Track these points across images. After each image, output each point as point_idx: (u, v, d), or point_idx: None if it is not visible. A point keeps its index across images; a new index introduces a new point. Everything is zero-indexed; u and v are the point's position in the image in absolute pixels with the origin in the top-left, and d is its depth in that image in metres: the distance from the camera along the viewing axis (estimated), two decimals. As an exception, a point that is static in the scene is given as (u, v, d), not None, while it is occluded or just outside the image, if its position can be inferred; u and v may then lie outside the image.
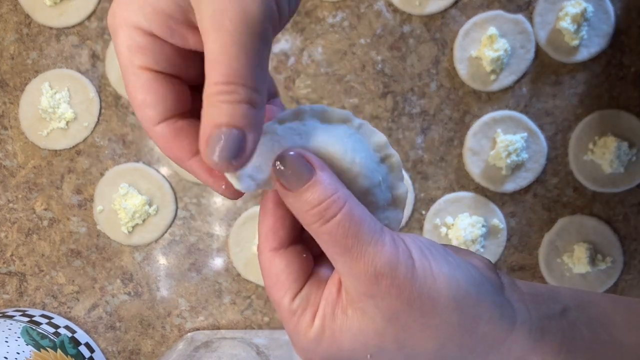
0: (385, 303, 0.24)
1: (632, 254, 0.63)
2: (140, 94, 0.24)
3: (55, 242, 0.65)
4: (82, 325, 0.65)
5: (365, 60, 0.63)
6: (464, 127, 0.63)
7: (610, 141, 0.60)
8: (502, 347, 0.25)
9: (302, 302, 0.25)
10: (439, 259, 0.25)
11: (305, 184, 0.24)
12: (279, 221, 0.26)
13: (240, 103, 0.23)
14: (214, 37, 0.22)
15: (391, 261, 0.24)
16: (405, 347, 0.25)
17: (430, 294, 0.24)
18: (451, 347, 0.25)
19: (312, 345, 0.26)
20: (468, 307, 0.25)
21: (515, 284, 0.28)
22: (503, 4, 0.62)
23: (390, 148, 0.28)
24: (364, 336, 0.25)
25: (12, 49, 0.65)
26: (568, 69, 0.62)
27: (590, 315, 0.28)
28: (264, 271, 0.27)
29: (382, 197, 0.27)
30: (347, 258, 0.24)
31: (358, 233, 0.24)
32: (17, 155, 0.65)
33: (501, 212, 0.63)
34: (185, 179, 0.64)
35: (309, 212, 0.24)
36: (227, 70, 0.22)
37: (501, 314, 0.25)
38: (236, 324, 0.64)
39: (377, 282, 0.24)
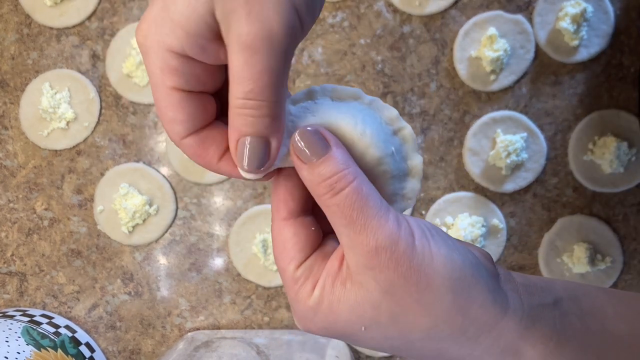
0: (383, 276, 0.25)
1: (631, 254, 0.63)
2: (170, 112, 0.25)
3: (55, 242, 0.65)
4: (83, 325, 0.65)
5: (365, 61, 0.63)
6: (463, 127, 0.63)
7: (610, 141, 0.61)
8: (493, 331, 0.26)
9: (305, 271, 0.27)
10: (439, 241, 0.26)
11: (320, 158, 0.25)
12: (289, 193, 0.28)
13: (264, 117, 0.25)
14: (238, 55, 0.24)
15: (392, 236, 0.25)
16: (399, 322, 0.26)
17: (427, 271, 0.25)
18: (443, 327, 0.26)
19: (310, 314, 0.27)
20: (462, 289, 0.25)
21: (510, 274, 0.29)
22: (503, 4, 0.62)
23: (403, 121, 0.29)
24: (360, 308, 0.26)
25: (12, 49, 0.65)
26: (568, 69, 0.62)
27: (582, 306, 0.28)
28: (274, 239, 0.28)
29: (396, 167, 0.28)
30: (351, 230, 0.25)
31: (363, 207, 0.25)
32: (17, 155, 0.65)
33: (501, 212, 0.63)
34: (186, 179, 0.64)
35: (321, 184, 0.25)
36: (251, 87, 0.24)
37: (494, 299, 0.26)
38: (236, 324, 0.65)
39: (377, 255, 0.25)
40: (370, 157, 0.27)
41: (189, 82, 0.25)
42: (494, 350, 0.26)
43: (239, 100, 0.25)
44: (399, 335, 0.26)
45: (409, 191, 0.29)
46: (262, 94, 0.24)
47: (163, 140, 0.64)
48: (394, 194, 0.29)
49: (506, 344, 0.26)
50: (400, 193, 0.29)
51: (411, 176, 0.29)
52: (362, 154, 0.27)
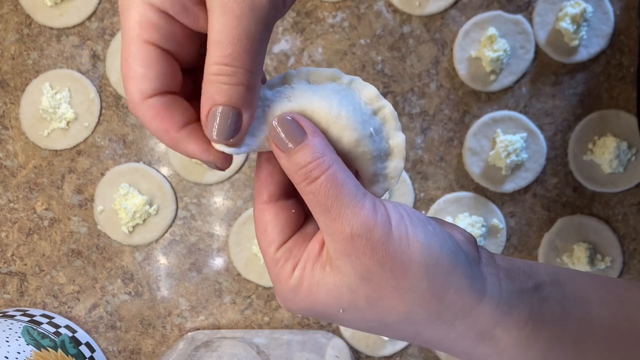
0: (359, 262, 0.25)
1: (631, 254, 0.63)
2: (141, 67, 0.25)
3: (55, 242, 0.65)
4: (83, 324, 0.65)
5: (365, 61, 0.63)
6: (463, 127, 0.63)
7: (610, 141, 0.61)
8: (469, 317, 0.26)
9: (284, 253, 0.28)
10: (417, 226, 0.26)
11: (297, 146, 0.26)
12: (269, 176, 0.28)
13: (238, 85, 0.24)
14: (220, 18, 0.24)
15: (368, 223, 0.25)
16: (376, 305, 0.26)
17: (402, 258, 0.25)
18: (419, 311, 0.26)
19: (291, 295, 0.27)
20: (438, 275, 0.26)
21: (493, 258, 0.29)
22: (503, 4, 0.62)
23: (383, 99, 0.29)
24: (338, 291, 0.26)
25: (12, 49, 0.65)
26: (568, 69, 0.62)
27: (564, 291, 0.28)
28: (256, 222, 0.29)
29: (376, 148, 0.28)
30: (327, 218, 0.25)
31: (338, 195, 0.25)
32: (17, 155, 0.65)
33: (501, 212, 0.63)
34: (186, 179, 0.64)
35: (297, 172, 0.26)
36: (229, 52, 0.24)
37: (470, 285, 0.26)
38: (236, 324, 0.65)
39: (352, 242, 0.25)
40: (347, 140, 0.27)
41: (166, 39, 0.25)
42: (469, 335, 0.27)
43: (214, 67, 0.24)
44: (376, 318, 0.27)
45: (392, 170, 0.29)
46: (239, 60, 0.24)
47: (163, 140, 0.64)
48: (376, 174, 0.28)
49: (481, 329, 0.26)
50: (383, 173, 0.29)
51: (393, 155, 0.29)
52: (339, 136, 0.27)
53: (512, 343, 0.27)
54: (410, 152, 0.63)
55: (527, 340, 0.27)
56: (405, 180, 0.63)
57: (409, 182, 0.63)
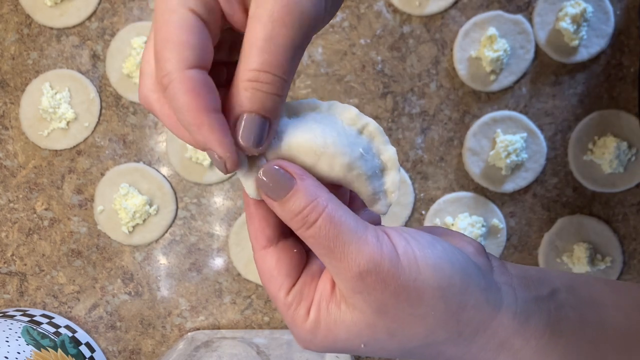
0: (372, 298, 0.25)
1: (631, 254, 0.63)
2: (184, 35, 0.23)
3: (55, 242, 0.65)
4: (83, 325, 0.65)
5: (365, 61, 0.63)
6: (463, 127, 0.63)
7: (610, 141, 0.61)
8: (488, 330, 0.26)
9: (296, 296, 0.27)
10: (425, 249, 0.26)
11: (287, 193, 0.25)
12: (263, 221, 0.28)
13: (273, 94, 0.24)
14: (267, 24, 0.23)
15: (374, 257, 0.25)
16: (396, 335, 0.26)
17: (415, 285, 0.25)
18: (439, 332, 0.26)
19: (309, 336, 0.27)
20: (453, 295, 0.25)
21: (505, 266, 0.29)
22: (503, 4, 0.62)
23: (364, 117, 0.28)
24: (357, 328, 0.26)
25: (12, 49, 0.65)
26: (568, 69, 0.62)
27: (579, 296, 0.28)
28: (259, 269, 0.28)
29: (369, 167, 0.27)
30: (332, 259, 0.25)
31: (339, 234, 0.25)
32: (17, 155, 0.65)
33: (501, 212, 0.63)
34: (186, 179, 0.64)
35: (294, 219, 0.25)
36: (272, 59, 0.23)
37: (486, 299, 0.26)
38: (236, 324, 0.65)
39: (362, 279, 0.25)
40: (339, 166, 0.26)
41: (208, 12, 0.24)
42: (489, 347, 0.27)
43: (251, 72, 0.24)
44: (397, 347, 0.26)
45: (390, 185, 0.28)
46: (280, 69, 0.24)
47: (163, 140, 0.64)
48: (375, 193, 0.28)
49: (501, 340, 0.26)
50: (382, 189, 0.28)
51: (388, 170, 0.28)
52: (330, 165, 0.26)
53: (531, 352, 0.27)
54: (410, 152, 0.63)
55: (545, 348, 0.27)
56: (405, 180, 0.63)
57: (409, 182, 0.63)
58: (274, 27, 0.23)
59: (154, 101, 0.26)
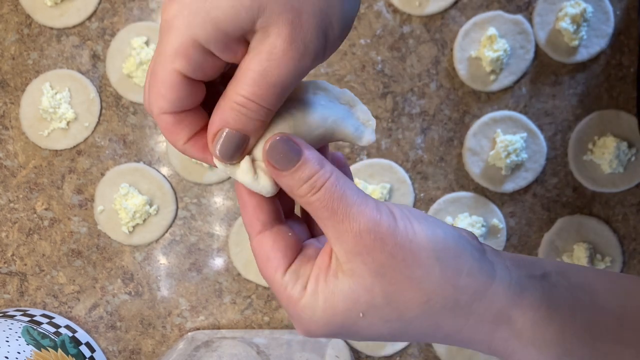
0: (370, 258, 0.26)
1: (631, 254, 0.63)
2: (163, 89, 0.26)
3: (56, 242, 0.65)
4: (83, 324, 0.65)
5: (365, 61, 0.63)
6: (463, 127, 0.63)
7: (610, 141, 0.61)
8: (484, 299, 0.27)
9: (292, 275, 0.28)
10: (420, 219, 0.27)
11: (295, 163, 0.26)
12: (257, 207, 0.29)
13: (256, 120, 0.26)
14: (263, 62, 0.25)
15: (374, 218, 0.26)
16: (394, 301, 0.27)
17: (411, 247, 0.26)
18: (436, 299, 0.26)
19: (308, 313, 0.27)
20: (448, 259, 0.26)
21: (497, 250, 0.30)
22: (503, 5, 0.62)
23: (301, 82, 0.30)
24: (355, 294, 0.27)
25: (12, 49, 0.65)
26: (567, 69, 0.62)
27: (571, 281, 0.29)
28: (255, 255, 0.29)
29: (337, 111, 0.29)
30: (334, 220, 0.26)
31: (342, 197, 0.26)
32: (17, 156, 0.65)
33: (501, 212, 0.63)
34: (186, 179, 0.64)
35: (302, 186, 0.27)
36: (261, 93, 0.25)
37: (480, 268, 0.27)
38: (236, 324, 0.65)
39: (361, 238, 0.26)
40: (315, 123, 0.28)
41: (195, 71, 0.25)
42: (487, 318, 0.27)
43: (240, 97, 0.25)
44: (396, 316, 0.27)
45: (363, 115, 0.30)
46: (267, 101, 0.26)
47: (163, 140, 0.64)
48: (356, 129, 0.29)
49: (498, 310, 0.27)
50: (359, 123, 0.30)
51: (352, 105, 0.30)
52: (308, 126, 0.28)
53: (528, 324, 0.27)
54: (410, 152, 0.63)
55: (543, 321, 0.27)
56: (405, 180, 0.63)
57: (409, 182, 0.63)
58: (270, 65, 0.25)
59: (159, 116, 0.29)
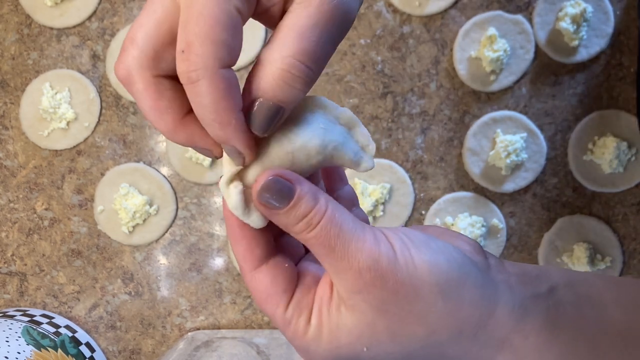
0: (371, 296, 0.25)
1: (631, 254, 0.63)
2: (223, 33, 0.22)
3: (55, 242, 0.65)
4: (83, 324, 0.65)
5: (365, 61, 0.63)
6: (463, 127, 0.63)
7: (610, 141, 0.61)
8: (488, 326, 0.26)
9: (295, 309, 0.27)
10: (421, 247, 0.26)
11: (289, 202, 0.25)
12: (252, 241, 0.27)
13: (299, 90, 0.24)
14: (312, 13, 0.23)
15: (372, 255, 0.25)
16: (397, 335, 0.26)
17: (412, 282, 0.25)
18: (440, 332, 0.26)
19: (313, 346, 0.27)
20: (450, 291, 0.26)
21: (502, 265, 0.29)
22: (503, 5, 0.62)
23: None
24: (358, 330, 0.26)
25: (12, 49, 0.65)
26: (567, 69, 0.62)
27: (578, 293, 0.28)
28: (252, 291, 0.28)
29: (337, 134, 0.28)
30: (332, 258, 0.25)
31: (339, 233, 0.25)
32: (17, 155, 0.65)
33: (501, 212, 0.63)
34: (186, 179, 0.64)
35: (298, 224, 0.26)
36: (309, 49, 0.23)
37: (482, 295, 0.26)
38: (236, 324, 0.65)
39: (361, 276, 0.25)
40: (315, 151, 0.27)
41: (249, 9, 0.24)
42: (490, 344, 0.27)
43: (286, 58, 0.23)
44: (400, 349, 0.26)
45: (362, 139, 0.29)
46: (314, 62, 0.24)
47: (163, 140, 0.64)
48: (355, 154, 0.28)
49: (500, 337, 0.26)
50: (358, 148, 0.29)
51: (352, 128, 0.29)
52: (307, 154, 0.26)
53: (530, 349, 0.27)
54: (410, 152, 0.63)
55: (544, 345, 0.27)
56: (405, 180, 0.63)
57: (409, 182, 0.63)
58: (321, 18, 0.23)
59: (139, 78, 0.24)
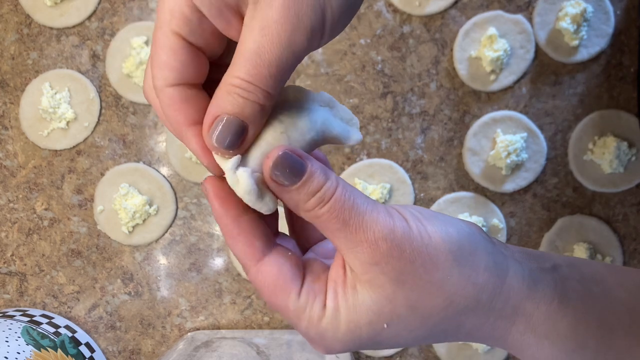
0: (389, 266, 0.25)
1: (631, 254, 0.63)
2: (165, 55, 0.25)
3: (55, 242, 0.65)
4: (83, 325, 0.65)
5: (365, 61, 0.63)
6: (463, 127, 0.63)
7: (610, 141, 0.61)
8: (502, 294, 0.26)
9: (309, 294, 0.26)
10: (431, 219, 0.27)
11: (302, 177, 0.25)
12: (250, 234, 0.27)
13: (254, 102, 0.25)
14: (257, 38, 0.24)
15: (387, 225, 0.25)
16: (417, 307, 0.26)
17: (428, 251, 0.25)
18: (459, 300, 0.26)
19: (331, 330, 0.26)
20: (464, 258, 0.26)
21: (505, 244, 0.29)
22: (503, 4, 0.62)
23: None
24: (377, 305, 0.26)
25: (12, 49, 0.65)
26: (568, 69, 0.62)
27: (582, 272, 0.28)
28: (259, 285, 0.27)
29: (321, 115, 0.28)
30: (347, 232, 0.25)
31: (353, 206, 0.25)
32: (17, 155, 0.65)
33: (501, 212, 0.63)
34: (186, 179, 0.64)
35: (310, 201, 0.25)
36: (257, 72, 0.24)
37: (495, 262, 0.27)
38: (236, 324, 0.65)
39: (377, 247, 0.25)
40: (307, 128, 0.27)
41: (194, 34, 0.25)
42: (505, 312, 0.27)
43: (236, 79, 0.24)
44: (420, 323, 0.26)
45: (345, 115, 0.29)
46: (264, 83, 0.24)
47: (163, 140, 0.64)
48: (342, 129, 0.29)
49: (514, 304, 0.27)
50: (343, 124, 0.29)
51: (332, 107, 0.29)
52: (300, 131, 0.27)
53: (542, 318, 0.27)
54: (410, 152, 0.63)
55: (557, 314, 0.27)
56: (405, 180, 0.63)
57: (409, 182, 0.63)
58: (263, 41, 0.24)
59: (152, 100, 0.27)
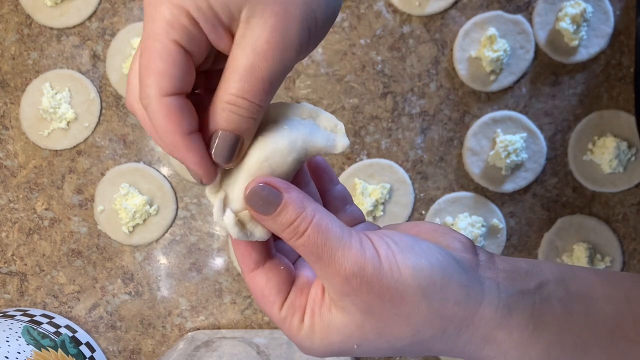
0: (359, 300, 0.27)
1: (631, 254, 0.63)
2: (162, 64, 0.25)
3: (56, 242, 0.65)
4: (83, 324, 0.65)
5: (365, 61, 0.63)
6: (463, 127, 0.63)
7: (610, 141, 0.61)
8: (471, 325, 0.27)
9: (289, 309, 0.29)
10: (405, 251, 0.27)
11: (276, 208, 0.27)
12: (249, 245, 0.29)
13: (248, 118, 0.26)
14: (249, 55, 0.25)
15: (358, 262, 0.26)
16: (384, 334, 0.27)
17: (397, 287, 0.26)
18: (425, 331, 0.27)
19: (308, 342, 0.29)
20: (434, 293, 0.27)
21: (492, 261, 0.30)
22: (503, 5, 0.62)
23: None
24: (348, 330, 0.27)
25: (13, 50, 0.65)
26: (567, 70, 0.62)
27: (569, 289, 0.29)
28: (251, 290, 0.30)
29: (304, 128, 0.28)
30: (320, 264, 0.27)
31: (326, 241, 0.27)
32: (18, 156, 0.65)
33: (501, 212, 0.63)
34: (186, 179, 0.64)
35: (285, 231, 0.27)
36: (250, 88, 0.25)
37: (467, 294, 0.27)
38: (236, 324, 0.65)
39: (348, 282, 0.26)
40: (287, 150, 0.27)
41: (192, 42, 0.25)
42: (474, 340, 0.28)
43: (230, 96, 0.26)
44: (387, 346, 0.28)
45: (329, 123, 0.29)
46: (257, 97, 0.26)
47: (163, 140, 0.64)
48: (328, 140, 0.29)
49: (484, 333, 0.28)
50: (327, 133, 0.29)
51: (315, 118, 0.29)
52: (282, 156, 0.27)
53: (513, 345, 0.28)
54: (410, 152, 0.63)
55: (529, 341, 0.28)
56: (405, 180, 0.63)
57: (409, 182, 0.63)
58: (256, 59, 0.25)
59: (137, 110, 0.28)
